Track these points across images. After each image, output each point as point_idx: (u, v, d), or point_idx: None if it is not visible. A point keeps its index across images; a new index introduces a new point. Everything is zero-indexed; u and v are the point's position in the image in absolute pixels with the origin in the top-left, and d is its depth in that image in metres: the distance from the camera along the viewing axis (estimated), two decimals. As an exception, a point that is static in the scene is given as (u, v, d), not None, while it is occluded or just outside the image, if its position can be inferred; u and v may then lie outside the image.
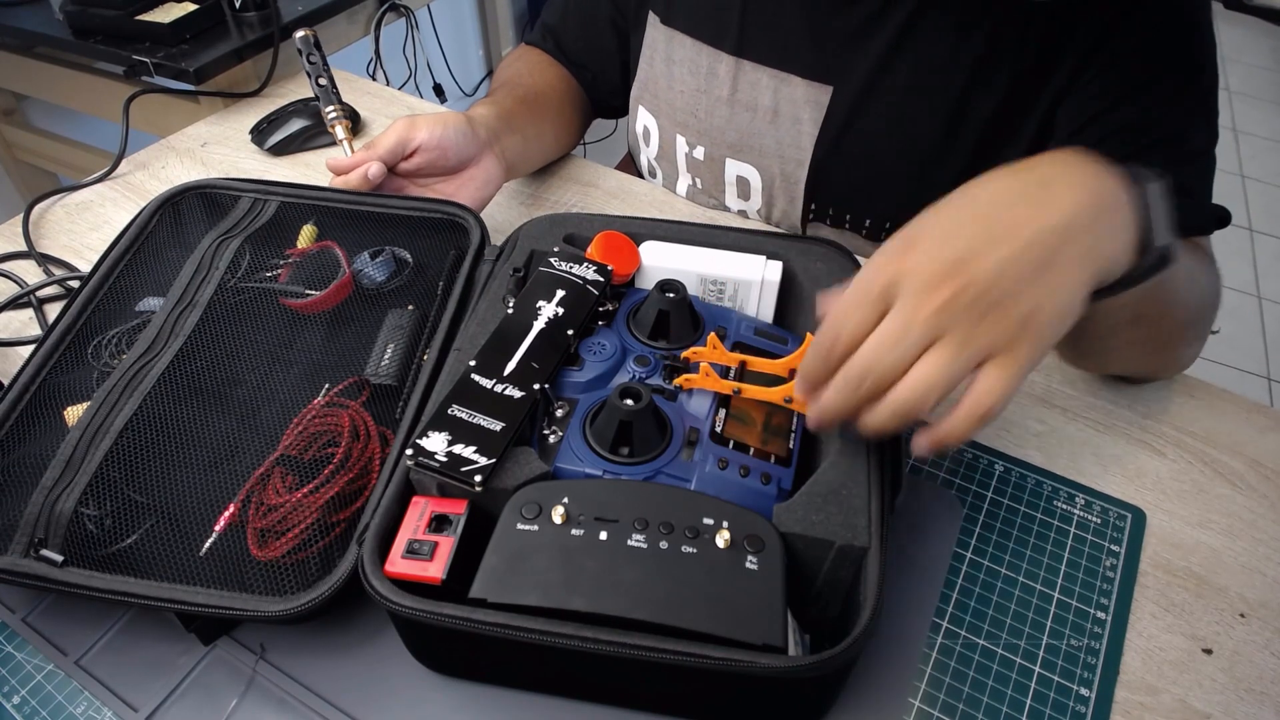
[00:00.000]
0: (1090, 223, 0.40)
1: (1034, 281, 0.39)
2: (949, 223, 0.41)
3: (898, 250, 0.41)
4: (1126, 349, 0.58)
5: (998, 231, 0.39)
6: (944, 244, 0.40)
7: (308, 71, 0.79)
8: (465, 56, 2.50)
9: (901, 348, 0.39)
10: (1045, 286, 0.39)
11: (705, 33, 0.76)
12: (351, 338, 0.60)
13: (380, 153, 0.67)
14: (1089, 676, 0.48)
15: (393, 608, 0.42)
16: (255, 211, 0.68)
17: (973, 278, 0.38)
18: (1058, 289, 0.40)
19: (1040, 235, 0.39)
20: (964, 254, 0.39)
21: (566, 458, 0.47)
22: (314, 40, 0.78)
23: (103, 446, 0.52)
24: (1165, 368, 0.63)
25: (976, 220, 0.40)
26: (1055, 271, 0.39)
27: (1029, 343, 0.39)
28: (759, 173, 0.78)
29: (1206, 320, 0.60)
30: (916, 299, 0.39)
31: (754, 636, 0.39)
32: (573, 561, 0.42)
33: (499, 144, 0.74)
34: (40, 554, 0.47)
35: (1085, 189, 0.41)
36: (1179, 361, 0.63)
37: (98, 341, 0.60)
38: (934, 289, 0.39)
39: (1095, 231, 0.41)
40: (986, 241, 0.39)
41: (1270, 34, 3.28)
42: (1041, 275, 0.39)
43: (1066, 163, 0.42)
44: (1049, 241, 0.39)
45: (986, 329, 0.39)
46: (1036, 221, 0.40)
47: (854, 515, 0.44)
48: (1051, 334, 0.40)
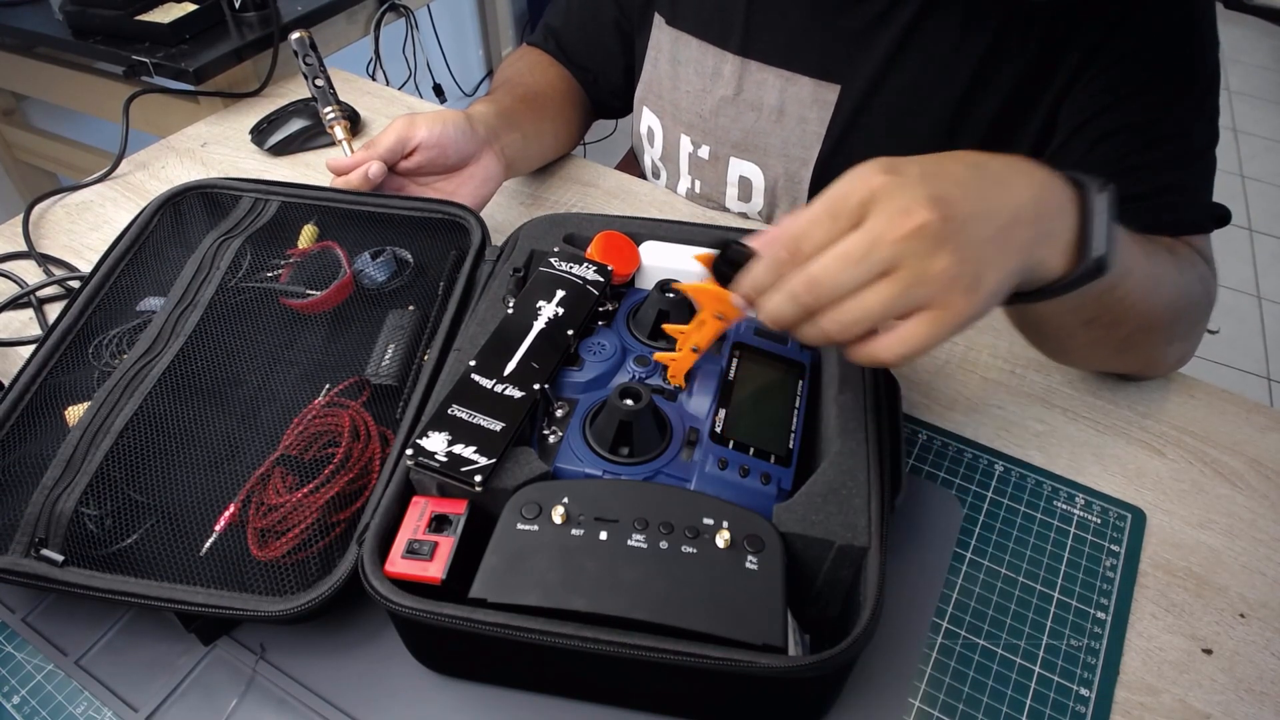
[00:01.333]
0: (1033, 219, 0.42)
1: (988, 246, 0.40)
2: (932, 165, 0.41)
3: (879, 169, 0.40)
4: (1090, 349, 0.59)
5: (971, 190, 0.40)
6: (926, 179, 0.40)
7: (304, 73, 0.79)
8: (465, 56, 2.50)
9: (863, 267, 0.39)
10: (992, 259, 0.40)
11: (711, 33, 0.76)
12: (352, 338, 0.60)
13: (380, 152, 0.67)
14: (1089, 676, 0.48)
15: (393, 608, 0.42)
16: (256, 211, 0.68)
17: (946, 215, 0.38)
18: (1000, 266, 0.40)
19: (1001, 209, 0.40)
20: (943, 193, 0.39)
21: (566, 458, 0.47)
22: (309, 41, 0.78)
23: (103, 446, 0.52)
24: (1148, 367, 0.63)
25: (956, 173, 0.41)
26: (1003, 250, 0.40)
27: (967, 304, 0.39)
28: (763, 172, 0.78)
29: (1185, 323, 0.60)
30: (889, 219, 0.38)
31: (754, 636, 0.39)
32: (573, 561, 0.42)
33: (499, 141, 0.74)
34: (41, 554, 0.47)
35: (1033, 187, 0.42)
36: (1160, 362, 0.63)
37: (98, 341, 0.60)
38: (909, 213, 0.38)
39: (1037, 228, 0.42)
40: (963, 193, 0.40)
41: (1270, 34, 3.28)
42: (994, 247, 0.40)
43: (1017, 163, 0.43)
44: (1005, 219, 0.40)
45: (939, 272, 0.38)
46: (998, 198, 0.41)
47: (854, 515, 0.44)
48: (984, 305, 0.40)
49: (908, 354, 0.40)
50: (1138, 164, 0.62)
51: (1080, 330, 0.54)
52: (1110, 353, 0.59)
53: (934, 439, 0.61)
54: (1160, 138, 0.61)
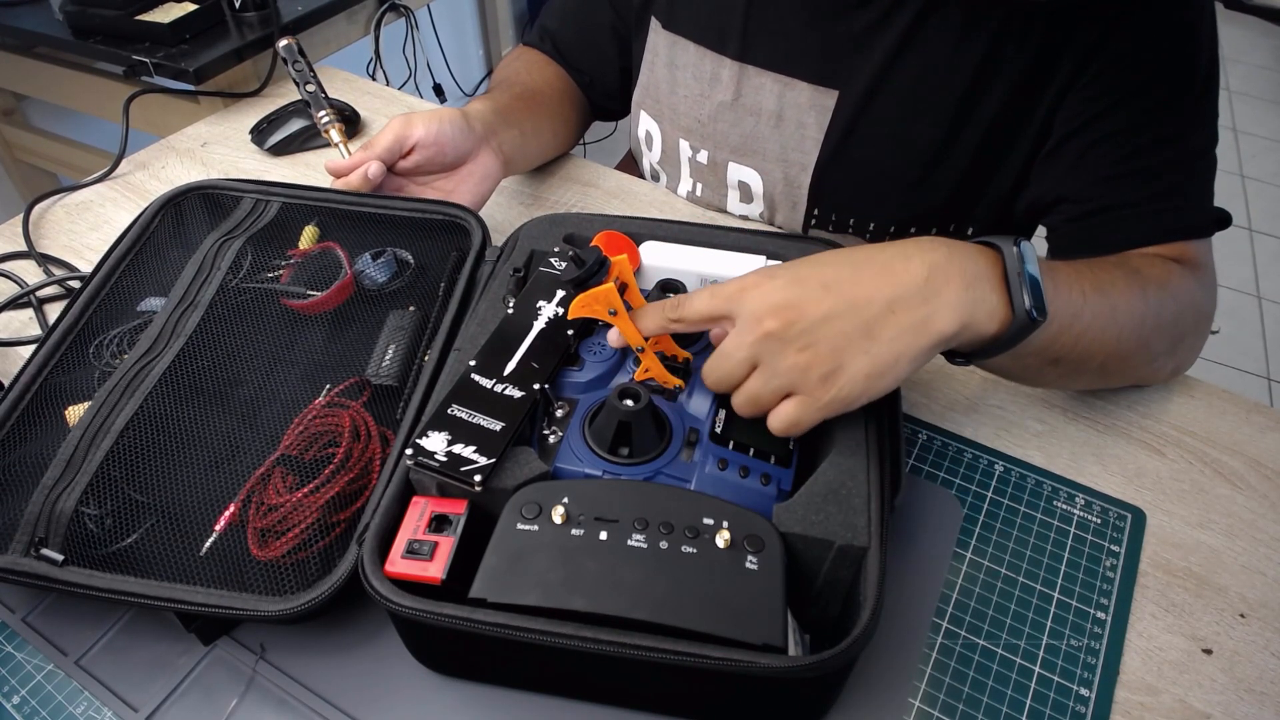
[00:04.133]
0: (924, 300, 0.44)
1: (852, 341, 0.44)
2: (804, 270, 0.46)
3: (755, 279, 0.46)
4: (1066, 379, 0.59)
5: (835, 291, 0.45)
6: (789, 286, 0.45)
7: (295, 79, 0.79)
8: (465, 56, 2.50)
9: (731, 363, 0.46)
10: (861, 349, 0.44)
11: (708, 38, 0.76)
12: (353, 338, 0.60)
13: (378, 152, 0.67)
14: (1089, 676, 0.49)
15: (392, 608, 0.42)
16: (257, 212, 0.68)
17: (794, 320, 0.44)
18: (874, 353, 0.44)
19: (869, 305, 0.44)
20: (799, 300, 0.44)
21: (566, 458, 0.47)
22: (297, 48, 0.78)
23: (103, 446, 0.52)
24: (1141, 380, 0.63)
25: (824, 277, 0.45)
26: (875, 339, 0.44)
27: (830, 392, 0.44)
28: (761, 177, 0.78)
29: (1166, 340, 0.58)
30: (745, 323, 0.45)
31: (754, 636, 0.39)
32: (573, 561, 0.41)
33: (496, 138, 0.74)
34: (41, 553, 0.47)
35: (925, 268, 0.45)
36: (1153, 375, 0.62)
37: (99, 341, 0.60)
38: (760, 320, 0.44)
39: (930, 306, 0.44)
40: (822, 295, 0.44)
41: (1270, 34, 3.28)
42: (861, 339, 0.44)
43: (915, 245, 0.46)
44: (876, 312, 0.44)
45: (792, 367, 0.44)
46: (871, 293, 0.44)
47: (854, 515, 0.44)
48: (858, 391, 0.44)
49: (783, 429, 0.46)
50: (1131, 169, 0.61)
51: (1049, 369, 0.54)
52: (1091, 379, 0.59)
53: (934, 439, 0.61)
54: (1155, 142, 0.61)
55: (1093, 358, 0.54)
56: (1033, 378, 0.59)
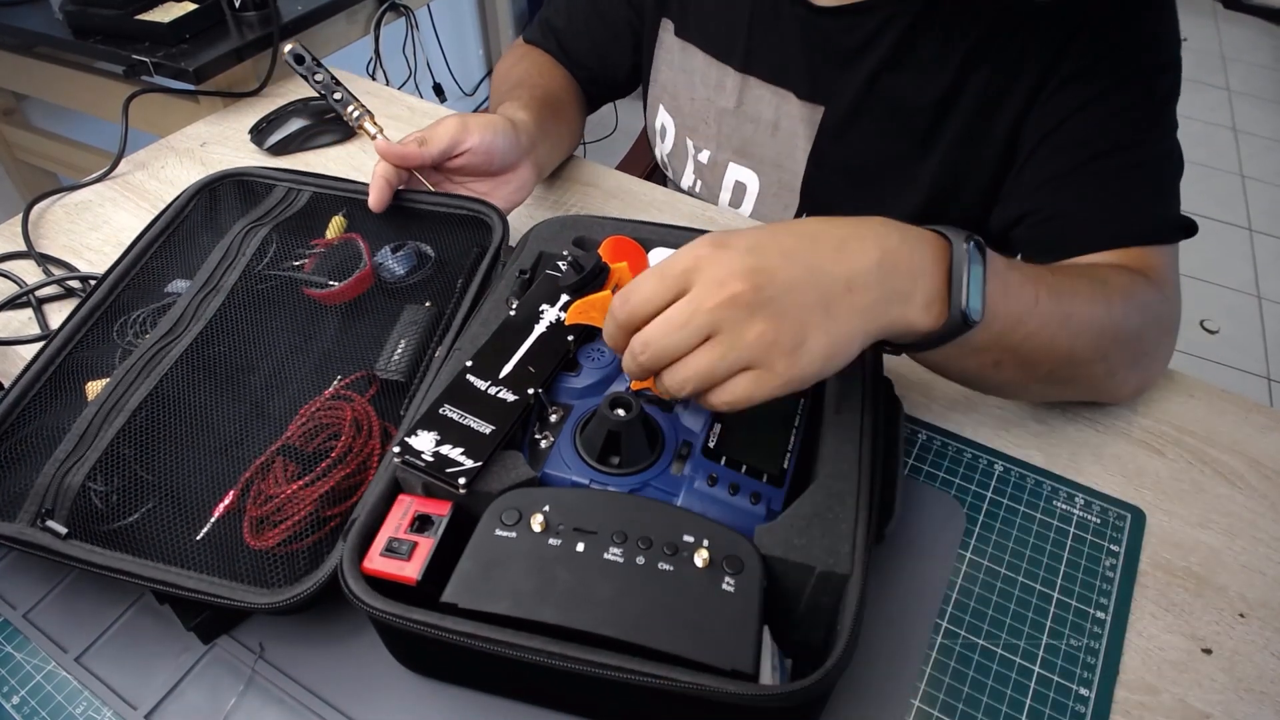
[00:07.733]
0: (876, 282, 0.43)
1: (812, 314, 0.41)
2: (763, 236, 0.43)
3: (708, 243, 0.42)
4: (1013, 387, 0.58)
5: (796, 260, 0.42)
6: (749, 252, 0.42)
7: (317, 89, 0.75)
8: (465, 56, 2.50)
9: (684, 333, 0.41)
10: (820, 324, 0.42)
11: (716, 48, 0.79)
12: (366, 331, 0.61)
13: (433, 154, 0.67)
14: (1089, 676, 0.48)
15: (363, 607, 0.41)
16: (288, 201, 0.70)
17: (760, 284, 0.41)
18: (831, 331, 0.42)
19: (829, 279, 0.42)
20: (762, 265, 0.41)
21: (555, 464, 0.46)
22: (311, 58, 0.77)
23: (116, 423, 0.53)
24: (1099, 395, 0.61)
25: (782, 245, 0.43)
26: (832, 316, 0.42)
27: (786, 367, 0.41)
28: (758, 178, 0.81)
29: (1128, 353, 0.57)
30: (706, 289, 0.41)
31: (723, 661, 0.38)
32: (546, 571, 0.41)
33: (535, 151, 0.75)
34: (46, 525, 0.48)
35: (879, 250, 0.43)
36: (1113, 390, 0.60)
37: (124, 320, 0.61)
38: (724, 284, 0.41)
39: (881, 290, 0.43)
40: (785, 263, 0.42)
41: (1270, 34, 3.28)
42: (821, 313, 0.42)
43: (865, 226, 0.45)
44: (834, 289, 0.42)
45: (759, 337, 0.41)
46: (830, 267, 0.42)
47: (838, 541, 0.42)
48: (813, 368, 0.42)
49: (731, 404, 0.42)
50: (1088, 174, 0.62)
51: (991, 371, 0.53)
52: (1042, 387, 0.58)
53: (934, 439, 0.61)
54: (1113, 148, 0.61)
55: (1039, 364, 0.53)
56: (975, 380, 0.57)
